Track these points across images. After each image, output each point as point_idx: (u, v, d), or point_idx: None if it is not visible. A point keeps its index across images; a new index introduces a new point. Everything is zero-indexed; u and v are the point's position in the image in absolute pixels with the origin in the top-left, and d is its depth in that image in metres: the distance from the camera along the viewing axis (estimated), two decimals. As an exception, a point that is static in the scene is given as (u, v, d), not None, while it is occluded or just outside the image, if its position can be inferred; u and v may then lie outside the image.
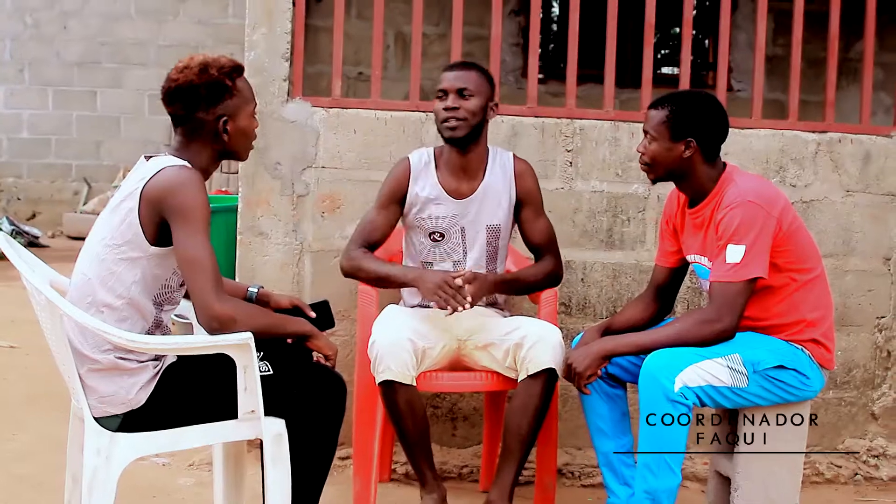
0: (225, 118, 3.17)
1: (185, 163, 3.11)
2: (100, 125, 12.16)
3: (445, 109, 3.97)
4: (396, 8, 4.90)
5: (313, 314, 3.48)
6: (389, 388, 3.73)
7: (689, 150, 3.60)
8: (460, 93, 3.97)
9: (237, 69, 3.24)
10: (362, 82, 7.74)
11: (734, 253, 3.46)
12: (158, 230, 3.06)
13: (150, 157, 3.19)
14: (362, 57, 7.55)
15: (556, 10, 10.05)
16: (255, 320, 3.12)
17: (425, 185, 4.08)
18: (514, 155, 4.19)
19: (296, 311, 3.51)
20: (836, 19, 4.77)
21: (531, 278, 4.10)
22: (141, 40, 12.05)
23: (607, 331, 3.83)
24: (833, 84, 4.82)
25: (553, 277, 4.12)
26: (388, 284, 4.02)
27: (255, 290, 3.54)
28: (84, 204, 12.00)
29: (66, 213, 11.95)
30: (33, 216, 12.09)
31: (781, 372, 3.50)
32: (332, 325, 3.55)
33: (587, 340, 3.78)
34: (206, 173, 3.22)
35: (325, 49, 7.44)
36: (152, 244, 3.07)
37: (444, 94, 3.99)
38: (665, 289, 3.93)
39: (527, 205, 4.15)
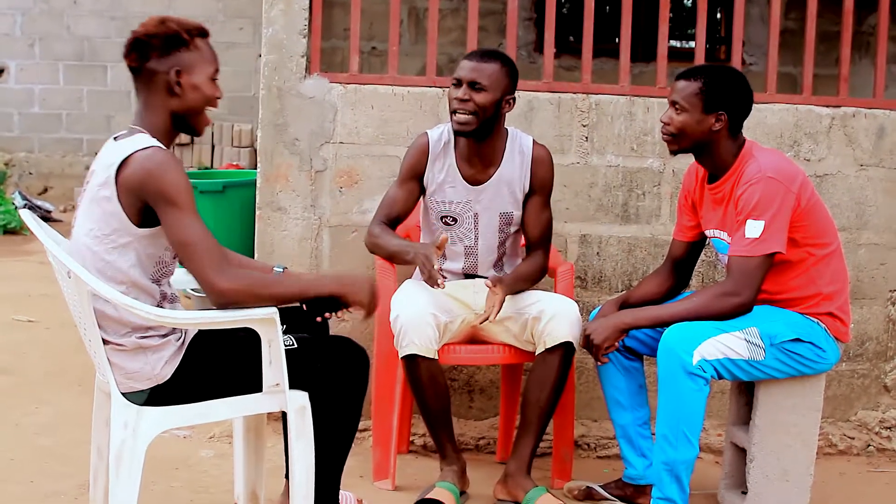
0: (177, 69, 3.09)
1: (153, 142, 3.06)
2: (110, 100, 12.13)
3: (457, 100, 3.94)
4: (410, -18, 4.93)
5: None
6: (413, 361, 3.78)
7: (719, 122, 3.63)
8: (472, 85, 3.93)
9: (199, 29, 3.18)
10: (376, 57, 7.77)
11: (753, 228, 3.50)
12: (142, 213, 3.04)
13: (118, 136, 3.14)
14: (376, 31, 7.56)
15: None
16: (267, 290, 3.12)
17: (443, 167, 4.10)
18: (533, 140, 4.17)
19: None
20: (851, -6, 4.79)
21: (530, 276, 4.12)
22: (151, 14, 11.99)
23: (625, 304, 3.87)
24: (847, 59, 4.83)
25: (542, 274, 4.18)
26: (396, 261, 4.07)
27: (280, 269, 3.50)
28: (95, 178, 12.01)
29: (77, 187, 11.95)
30: (45, 191, 12.10)
31: (798, 345, 3.55)
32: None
33: (605, 313, 3.81)
34: (166, 137, 3.15)
35: (340, 24, 7.48)
36: (139, 226, 3.05)
37: (459, 83, 3.95)
38: (682, 263, 3.97)
39: (536, 194, 4.15)
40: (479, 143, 4.05)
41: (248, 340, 3.13)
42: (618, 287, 4.66)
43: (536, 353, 3.89)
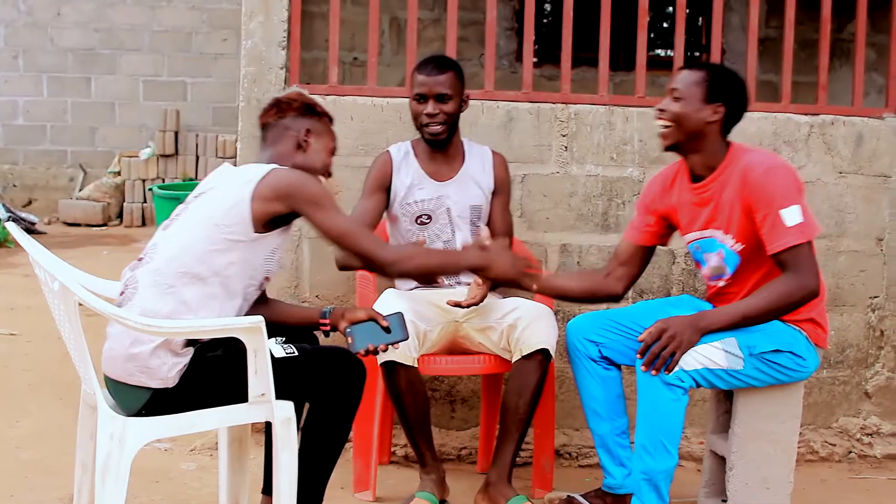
0: (308, 129, 3.49)
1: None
2: (95, 111, 12.14)
3: (427, 115, 4.11)
4: (391, -7, 4.94)
5: (386, 323, 3.45)
6: (392, 369, 3.79)
7: (716, 114, 3.63)
8: (439, 98, 4.10)
9: (331, 117, 3.60)
10: (357, 67, 7.77)
11: (791, 215, 3.47)
12: (267, 221, 3.26)
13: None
14: (357, 42, 7.57)
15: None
16: (422, 259, 3.44)
17: (408, 172, 4.21)
18: (489, 148, 4.34)
19: (370, 323, 3.48)
20: (829, 4, 4.81)
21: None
22: (135, 26, 12.03)
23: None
24: (825, 68, 4.86)
25: None
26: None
27: (328, 310, 3.57)
28: (79, 190, 12.00)
29: (61, 199, 11.95)
30: (29, 203, 12.09)
31: (777, 355, 3.55)
32: (406, 337, 3.48)
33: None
34: None
35: (321, 34, 7.48)
36: (256, 232, 3.25)
37: (423, 98, 4.11)
38: (622, 262, 3.95)
39: (500, 194, 4.30)
40: (447, 145, 4.21)
41: (240, 352, 3.16)
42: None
43: (513, 361, 3.90)
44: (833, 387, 4.85)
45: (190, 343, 3.19)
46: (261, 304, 3.47)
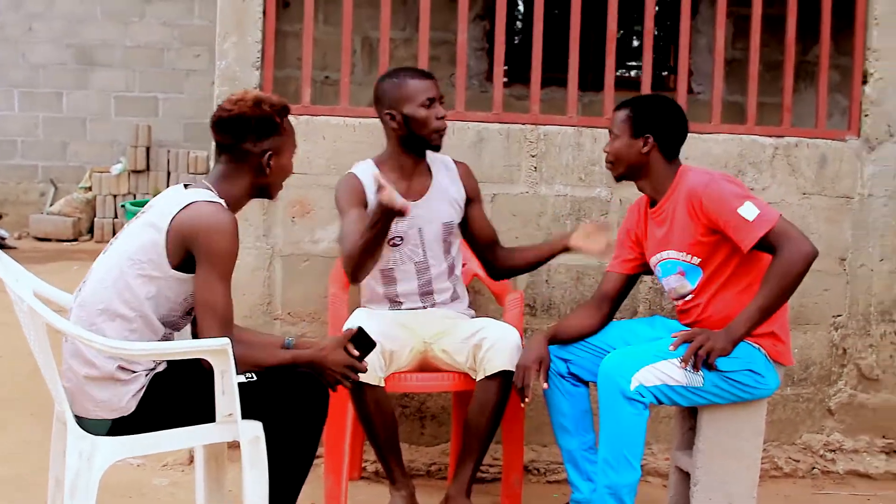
0: (270, 153, 3.34)
1: (220, 201, 3.24)
2: (66, 127, 12.13)
3: (439, 119, 4.08)
4: (363, 13, 4.97)
5: (356, 352, 3.43)
6: (359, 389, 3.82)
7: (647, 146, 3.81)
8: (441, 101, 4.12)
9: (286, 109, 3.41)
10: (329, 86, 7.79)
11: (748, 210, 3.60)
12: (183, 258, 3.18)
13: (188, 185, 3.32)
14: (329, 61, 7.60)
15: (521, 8, 10.09)
16: (252, 358, 3.29)
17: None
18: (450, 158, 4.33)
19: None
20: (793, 26, 4.89)
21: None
22: (107, 42, 12.03)
23: (555, 338, 3.93)
24: (790, 89, 4.94)
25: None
26: (375, 240, 3.80)
27: (290, 342, 3.59)
28: (50, 205, 11.98)
29: (32, 214, 11.93)
30: (0, 217, 12.07)
31: (737, 372, 3.63)
32: (374, 344, 3.47)
33: (533, 347, 3.88)
34: (238, 205, 3.37)
35: (293, 53, 7.50)
36: (173, 268, 3.18)
37: (433, 101, 4.07)
38: (612, 297, 4.04)
39: (475, 202, 4.31)
40: (421, 159, 4.20)
41: (207, 372, 3.19)
42: (566, 313, 4.73)
43: (477, 380, 3.95)
44: (797, 404, 4.92)
45: (143, 370, 3.21)
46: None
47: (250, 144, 3.32)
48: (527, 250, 4.33)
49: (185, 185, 3.32)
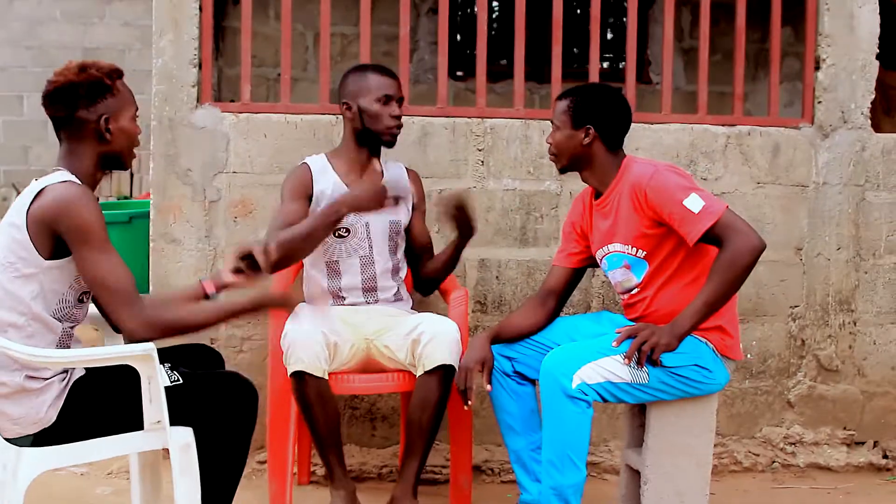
0: (106, 116, 3.14)
1: (71, 177, 3.09)
2: (27, 130, 11.98)
3: (393, 116, 4.10)
4: (315, 9, 4.87)
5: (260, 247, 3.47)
6: (301, 379, 3.75)
7: (588, 137, 3.72)
8: (399, 101, 4.13)
9: (117, 71, 3.24)
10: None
11: (694, 202, 3.51)
12: (53, 245, 3.03)
13: (39, 179, 3.16)
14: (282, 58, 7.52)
15: (492, 6, 10.03)
16: (181, 322, 3.15)
17: (327, 183, 4.13)
18: (403, 165, 4.34)
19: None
20: (743, 14, 4.82)
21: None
22: (66, 44, 11.88)
23: (497, 338, 3.85)
24: (741, 78, 4.87)
25: None
26: (315, 237, 3.88)
27: (204, 277, 3.52)
28: (14, 210, 11.88)
29: (-6, 219, 11.83)
30: (-39, 223, 11.96)
31: (683, 368, 3.54)
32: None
33: (476, 346, 3.80)
34: (92, 180, 3.20)
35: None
36: (47, 258, 3.04)
37: (389, 98, 4.09)
38: (558, 292, 3.95)
39: (419, 209, 4.30)
40: (372, 156, 4.20)
41: (131, 378, 3.10)
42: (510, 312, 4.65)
43: (417, 376, 3.86)
44: (756, 397, 4.85)
45: (53, 376, 3.10)
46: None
47: (84, 112, 3.13)
48: (439, 254, 4.29)
49: (36, 179, 3.15)
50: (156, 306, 3.20)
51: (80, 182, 3.09)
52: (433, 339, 3.82)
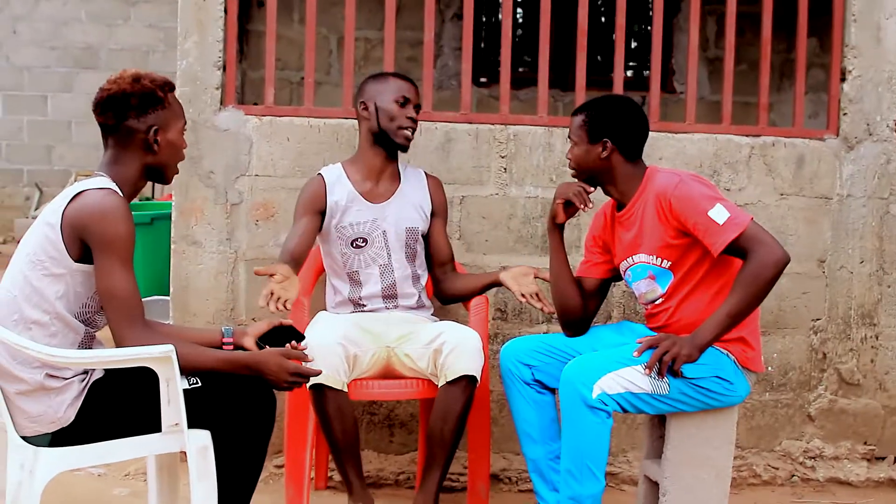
0: (156, 128, 3.18)
1: (112, 186, 3.10)
2: (51, 130, 12.07)
3: (410, 119, 4.11)
4: (339, 13, 4.87)
5: (290, 321, 3.50)
6: (320, 392, 3.74)
7: (605, 150, 3.71)
8: (416, 108, 4.14)
9: (169, 84, 3.27)
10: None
11: (719, 213, 3.49)
12: (82, 249, 3.05)
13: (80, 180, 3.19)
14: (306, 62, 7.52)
15: (517, 12, 10.03)
16: (185, 360, 3.11)
17: (342, 193, 4.15)
18: (423, 171, 4.33)
19: (276, 329, 3.50)
20: (769, 24, 4.80)
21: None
22: (91, 44, 11.97)
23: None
24: (766, 88, 4.84)
25: None
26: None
27: (229, 330, 3.50)
28: (36, 209, 11.90)
29: (17, 218, 11.87)
30: (-16, 222, 12.03)
31: (704, 379, 3.52)
32: (302, 337, 3.49)
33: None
34: (134, 188, 3.23)
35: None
36: (76, 261, 3.06)
37: (407, 101, 4.11)
38: (589, 299, 3.94)
39: (439, 217, 4.30)
40: (391, 161, 4.21)
41: (150, 380, 3.09)
42: (538, 318, 4.64)
43: (439, 386, 3.85)
44: (776, 409, 4.82)
45: (73, 376, 3.10)
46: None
47: (134, 121, 3.16)
48: (470, 279, 4.31)
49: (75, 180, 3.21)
50: (161, 332, 3.22)
51: (119, 191, 3.10)
52: (455, 348, 3.81)
